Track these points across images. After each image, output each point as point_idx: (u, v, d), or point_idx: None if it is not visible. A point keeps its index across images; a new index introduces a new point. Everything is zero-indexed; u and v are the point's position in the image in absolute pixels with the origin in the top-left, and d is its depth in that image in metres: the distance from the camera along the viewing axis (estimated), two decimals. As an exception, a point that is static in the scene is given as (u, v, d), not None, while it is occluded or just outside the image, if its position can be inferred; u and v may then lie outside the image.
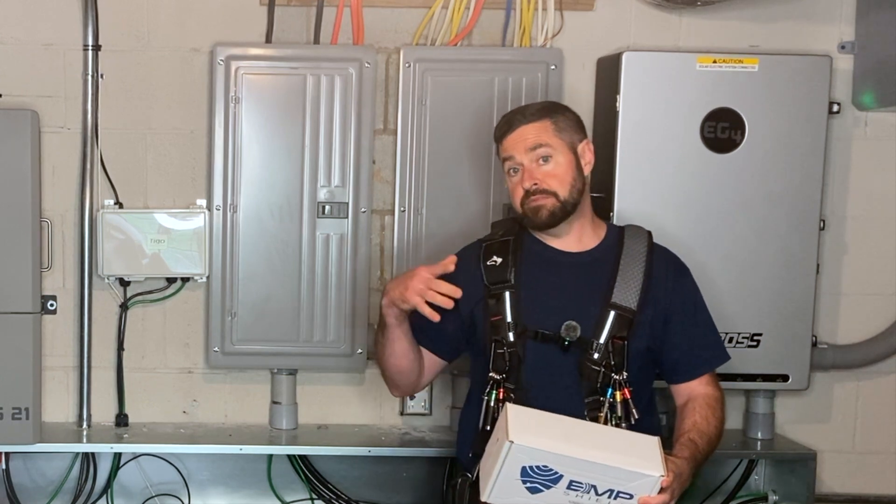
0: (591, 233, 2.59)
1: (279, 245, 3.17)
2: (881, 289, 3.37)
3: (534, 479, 2.24)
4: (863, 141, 3.32)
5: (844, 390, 3.42)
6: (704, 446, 2.47)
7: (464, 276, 2.55)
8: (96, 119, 3.21)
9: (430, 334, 2.61)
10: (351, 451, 3.22)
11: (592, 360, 2.46)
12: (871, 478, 3.45)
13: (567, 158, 2.51)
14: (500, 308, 2.50)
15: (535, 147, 2.50)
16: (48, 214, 3.21)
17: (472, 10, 3.19)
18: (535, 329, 2.48)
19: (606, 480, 2.22)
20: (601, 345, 2.46)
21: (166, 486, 3.36)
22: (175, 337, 3.32)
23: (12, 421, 3.08)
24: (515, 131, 2.53)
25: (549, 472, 2.22)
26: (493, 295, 2.52)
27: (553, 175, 2.49)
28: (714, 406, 2.54)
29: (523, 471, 2.23)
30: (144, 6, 3.21)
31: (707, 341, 2.61)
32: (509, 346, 2.48)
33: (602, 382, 2.45)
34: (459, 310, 2.55)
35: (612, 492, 2.22)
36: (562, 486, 2.23)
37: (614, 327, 2.47)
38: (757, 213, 3.10)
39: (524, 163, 2.50)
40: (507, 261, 2.54)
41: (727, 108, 3.07)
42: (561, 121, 2.54)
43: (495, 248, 2.57)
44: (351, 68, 3.12)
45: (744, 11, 3.24)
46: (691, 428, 2.49)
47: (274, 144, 3.14)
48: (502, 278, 2.52)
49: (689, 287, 2.61)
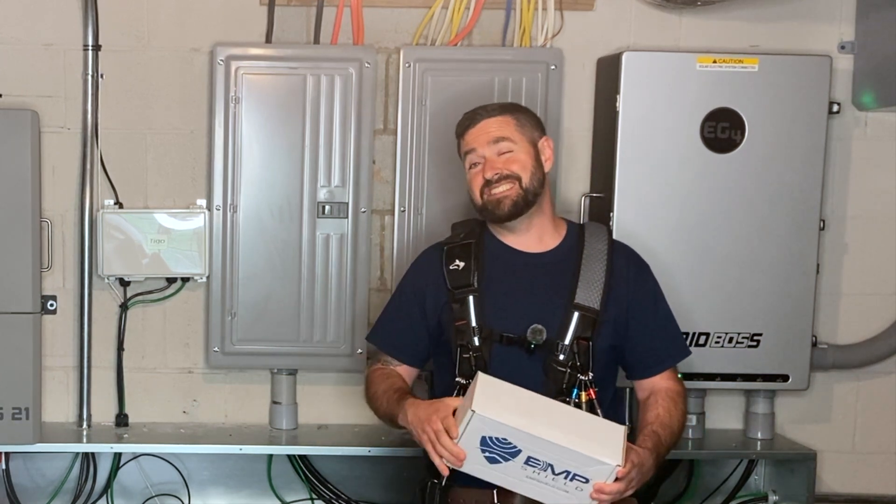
0: (552, 231, 2.60)
1: (279, 245, 3.17)
2: (881, 289, 3.37)
3: (493, 449, 2.27)
4: (863, 141, 3.32)
5: (844, 390, 3.42)
6: (667, 438, 2.48)
7: (428, 281, 2.58)
8: (96, 119, 3.21)
9: (406, 349, 2.64)
10: (351, 451, 3.22)
11: (558, 361, 2.47)
12: (871, 478, 3.45)
13: (528, 153, 2.54)
14: (464, 312, 2.51)
15: (497, 140, 2.53)
16: (48, 214, 3.21)
17: (472, 10, 3.19)
18: (499, 333, 2.49)
19: (563, 462, 2.24)
20: (566, 346, 2.47)
21: (166, 486, 3.36)
22: (175, 337, 3.32)
23: (12, 421, 3.08)
24: (478, 125, 2.56)
25: (508, 445, 2.25)
26: (457, 300, 2.52)
27: (515, 160, 2.51)
28: (676, 400, 2.56)
29: (483, 440, 2.26)
30: (144, 6, 3.21)
31: (668, 337, 2.62)
32: (475, 351, 2.48)
33: (568, 383, 2.46)
34: (427, 317, 2.57)
35: (567, 473, 2.25)
36: (519, 461, 2.26)
37: (578, 328, 2.48)
38: (757, 213, 3.10)
39: (486, 155, 2.53)
40: (469, 264, 2.55)
41: (727, 108, 3.07)
42: (522, 117, 2.58)
43: (456, 251, 2.58)
44: (351, 68, 3.12)
45: (744, 11, 3.24)
46: (654, 420, 2.50)
47: (274, 144, 3.14)
48: (465, 282, 2.53)
49: (650, 283, 2.63)
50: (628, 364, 2.62)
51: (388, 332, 2.67)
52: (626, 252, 2.64)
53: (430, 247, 2.69)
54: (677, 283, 3.08)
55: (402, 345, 2.64)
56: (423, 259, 2.67)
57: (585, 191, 3.25)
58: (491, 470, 2.29)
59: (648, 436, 2.45)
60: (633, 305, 2.55)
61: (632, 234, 3.06)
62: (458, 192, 3.17)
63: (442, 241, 2.66)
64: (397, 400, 2.52)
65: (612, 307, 2.52)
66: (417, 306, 2.60)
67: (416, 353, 2.65)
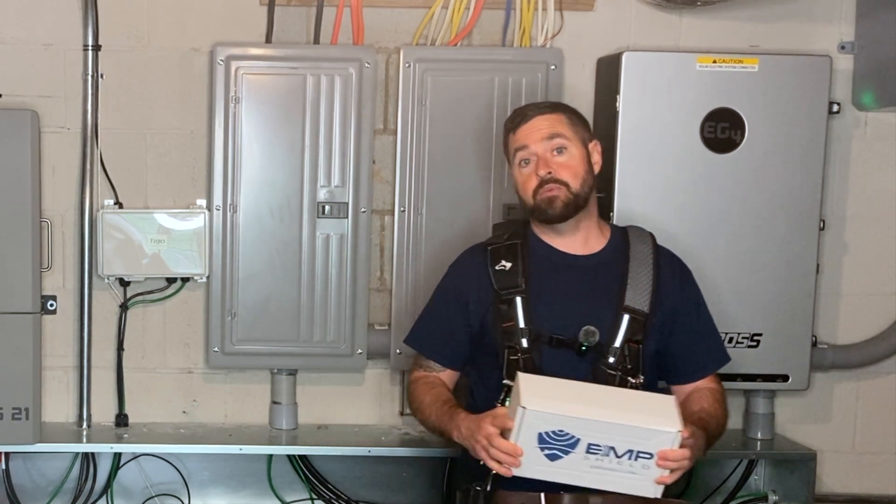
0: (597, 235, 2.57)
1: (279, 245, 3.17)
2: (881, 289, 3.37)
3: (552, 444, 2.22)
4: (863, 141, 3.32)
5: (844, 390, 3.42)
6: (713, 428, 2.45)
7: (470, 282, 2.54)
8: (96, 119, 3.21)
9: (448, 353, 2.60)
10: (351, 451, 3.22)
11: (608, 364, 2.44)
12: (871, 478, 3.45)
13: (580, 152, 2.51)
14: (511, 313, 2.47)
15: (551, 136, 2.49)
16: (48, 214, 3.20)
17: (472, 10, 3.19)
18: (549, 334, 2.45)
19: (624, 441, 2.20)
20: (616, 349, 2.44)
21: (166, 486, 3.36)
22: (175, 337, 3.32)
23: (12, 421, 3.07)
24: (531, 121, 2.52)
25: (566, 436, 2.21)
26: (504, 300, 2.48)
27: (567, 166, 2.48)
28: (720, 399, 2.55)
29: (540, 438, 2.21)
30: (144, 6, 3.21)
31: (710, 342, 2.61)
32: (523, 353, 2.44)
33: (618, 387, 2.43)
34: (469, 319, 2.54)
35: (631, 452, 2.21)
36: (580, 451, 2.22)
37: (629, 331, 2.45)
38: (757, 213, 3.10)
39: (538, 152, 2.49)
40: (516, 265, 2.51)
41: (727, 108, 3.07)
42: (573, 117, 2.56)
43: (502, 251, 2.54)
44: (351, 68, 3.12)
45: (744, 11, 3.24)
46: (700, 410, 2.47)
47: (274, 144, 3.14)
48: (513, 283, 2.49)
49: (693, 289, 2.62)
50: (670, 368, 2.58)
51: (430, 336, 2.63)
52: (670, 256, 2.62)
53: (472, 247, 2.65)
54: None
55: (444, 348, 2.60)
56: (465, 259, 2.62)
57: (585, 191, 3.24)
58: (553, 468, 2.25)
59: (696, 420, 2.41)
60: (677, 310, 2.53)
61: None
62: (458, 192, 3.17)
63: (484, 241, 2.63)
64: (448, 414, 2.47)
65: (659, 311, 2.50)
66: (459, 308, 2.56)
67: (458, 357, 2.61)
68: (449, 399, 2.54)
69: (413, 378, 2.67)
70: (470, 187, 3.17)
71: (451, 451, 3.22)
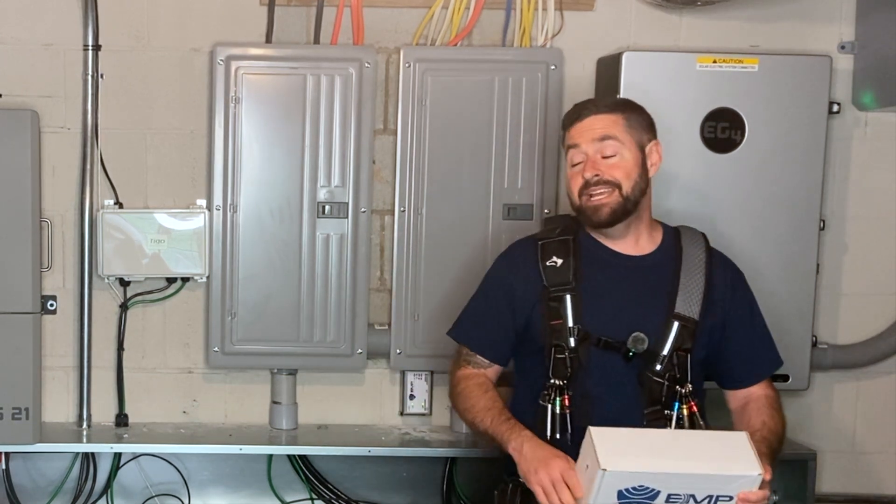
0: (648, 236, 2.51)
1: (279, 245, 3.17)
2: (881, 289, 3.37)
3: (631, 499, 2.18)
4: (863, 141, 3.32)
5: (844, 390, 3.42)
6: (776, 445, 2.42)
7: (518, 276, 2.49)
8: (96, 119, 3.21)
9: (495, 348, 2.55)
10: (351, 451, 3.22)
11: (654, 371, 2.40)
12: (871, 478, 3.45)
13: (633, 155, 2.44)
14: (560, 311, 2.42)
15: (603, 138, 2.42)
16: (48, 214, 3.21)
17: (472, 10, 3.19)
18: (598, 336, 2.41)
19: (704, 488, 2.17)
20: (664, 357, 2.40)
21: (166, 486, 3.36)
22: (175, 337, 3.32)
23: (12, 421, 3.08)
24: (585, 120, 2.46)
25: (646, 490, 2.17)
26: (554, 297, 2.43)
27: (618, 167, 2.41)
28: (777, 407, 2.50)
29: (619, 494, 2.17)
30: (144, 6, 3.21)
31: (764, 346, 2.57)
32: (570, 352, 2.40)
33: (666, 395, 2.39)
34: (515, 313, 2.49)
35: (710, 497, 2.18)
36: (660, 502, 2.19)
37: (678, 339, 2.41)
38: (757, 213, 3.10)
39: (588, 153, 2.43)
40: (567, 262, 2.45)
41: (727, 108, 3.07)
42: (633, 118, 2.48)
43: (553, 246, 2.49)
44: (351, 68, 3.12)
45: (744, 11, 3.24)
46: (761, 427, 2.43)
47: (274, 144, 3.14)
48: (563, 280, 2.44)
49: (747, 292, 2.56)
50: (723, 373, 2.53)
51: (477, 330, 2.57)
52: (724, 260, 2.57)
53: (522, 239, 2.59)
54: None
55: (492, 343, 2.54)
56: (515, 252, 2.56)
57: (585, 191, 3.24)
58: None
59: (761, 441, 2.36)
60: (730, 315, 2.48)
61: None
62: (458, 192, 3.17)
63: (534, 234, 2.58)
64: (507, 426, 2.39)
65: (709, 317, 2.45)
66: (506, 301, 2.51)
67: (505, 353, 2.56)
68: (504, 409, 2.46)
69: (461, 375, 2.57)
70: (470, 187, 3.16)
71: (451, 452, 3.23)
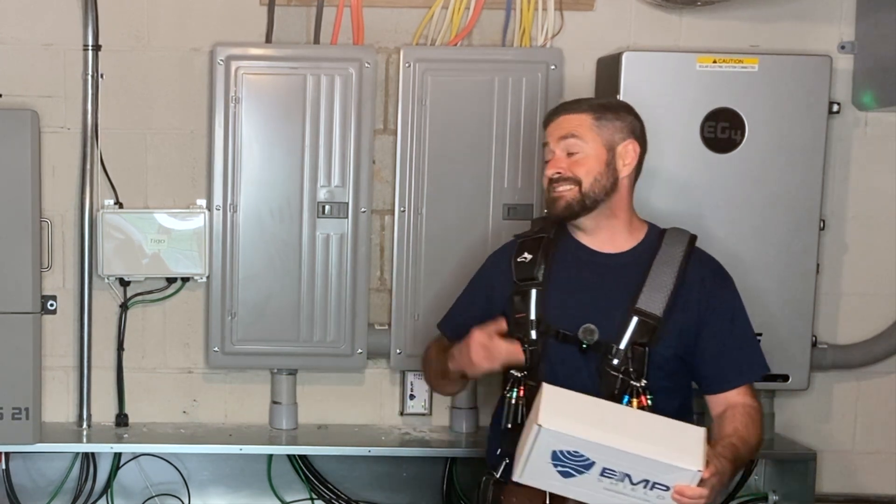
0: (627, 234, 2.52)
1: (279, 245, 3.17)
2: (881, 289, 3.37)
3: (565, 463, 2.19)
4: (863, 141, 3.32)
5: (844, 390, 3.42)
6: (745, 451, 2.39)
7: (497, 272, 2.58)
8: (96, 119, 3.21)
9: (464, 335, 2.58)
10: (351, 451, 3.22)
11: (611, 365, 2.42)
12: (871, 478, 3.45)
13: (598, 154, 2.45)
14: (525, 305, 2.48)
15: (566, 136, 2.46)
16: (48, 214, 3.21)
17: (472, 10, 3.19)
18: (556, 328, 2.45)
19: (641, 471, 2.15)
20: (621, 350, 2.42)
21: (166, 486, 3.36)
22: (175, 337, 3.32)
23: (12, 421, 3.08)
24: (557, 119, 2.51)
25: (581, 457, 2.17)
26: (520, 292, 2.50)
27: (580, 164, 2.45)
28: (754, 416, 2.46)
29: (554, 455, 2.18)
30: (144, 6, 3.21)
31: (744, 353, 2.52)
32: (531, 344, 2.45)
33: (620, 389, 2.41)
34: (493, 308, 2.55)
35: (647, 482, 2.16)
36: (594, 473, 2.18)
37: (636, 333, 2.42)
38: (757, 213, 3.10)
39: (556, 151, 2.48)
40: (536, 258, 2.51)
41: (727, 108, 3.07)
42: (607, 118, 2.48)
43: (528, 244, 2.56)
44: (351, 68, 3.12)
45: (744, 11, 3.24)
46: (733, 433, 2.41)
47: (274, 144, 3.14)
48: (529, 275, 2.50)
49: (728, 296, 2.52)
50: (700, 377, 2.53)
51: (457, 322, 2.64)
52: (706, 261, 2.55)
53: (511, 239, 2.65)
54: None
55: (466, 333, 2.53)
56: (499, 250, 2.65)
57: (585, 191, 3.24)
58: (565, 484, 2.22)
59: (727, 447, 2.33)
60: (706, 316, 2.46)
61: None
62: (458, 192, 3.17)
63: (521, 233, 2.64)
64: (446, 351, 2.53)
65: (679, 315, 2.44)
66: (485, 297, 2.59)
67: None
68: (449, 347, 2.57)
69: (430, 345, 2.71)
70: (470, 187, 3.17)
71: (451, 452, 3.24)
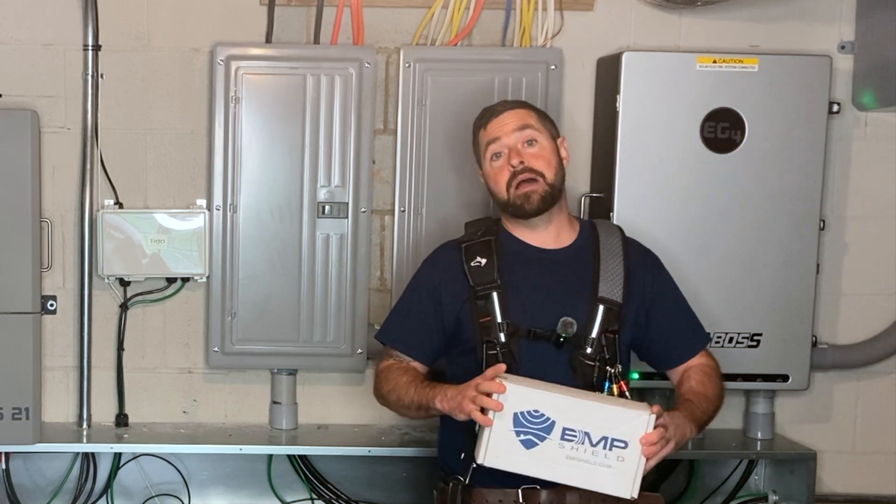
0: (568, 229, 2.61)
1: (279, 245, 3.17)
2: (881, 289, 3.37)
3: (527, 427, 2.26)
4: (863, 141, 3.32)
5: (844, 390, 3.42)
6: (702, 403, 2.50)
7: (444, 279, 2.57)
8: (96, 119, 3.21)
9: (421, 347, 2.61)
10: (351, 451, 3.22)
11: (585, 354, 2.47)
12: (871, 478, 3.45)
13: (550, 144, 2.56)
14: (488, 309, 2.50)
15: (522, 127, 2.53)
16: (48, 214, 3.21)
17: (472, 10, 3.19)
18: (527, 328, 2.48)
19: (598, 426, 2.25)
20: (593, 339, 2.47)
21: (166, 486, 3.36)
22: (175, 337, 3.32)
23: (12, 421, 3.08)
24: (501, 116, 2.56)
25: (541, 417, 2.26)
26: (481, 296, 2.51)
27: (539, 156, 2.52)
28: (709, 373, 2.59)
29: (515, 419, 2.26)
30: (144, 6, 3.21)
31: (691, 323, 2.67)
32: (502, 347, 2.47)
33: (598, 377, 2.46)
34: (443, 315, 2.56)
35: (605, 440, 2.25)
36: (556, 438, 2.26)
37: (605, 321, 2.48)
38: (757, 213, 3.10)
39: (510, 143, 2.53)
40: (491, 261, 2.54)
41: (727, 108, 3.07)
42: (541, 113, 2.62)
43: (476, 248, 2.57)
44: (351, 68, 3.12)
45: (744, 11, 3.24)
46: (687, 391, 2.55)
47: (274, 144, 3.14)
48: (489, 279, 2.52)
49: (666, 276, 2.66)
50: (657, 355, 2.64)
51: (402, 331, 2.64)
52: (641, 249, 2.67)
53: (445, 244, 2.67)
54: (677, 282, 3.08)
55: (417, 343, 2.61)
56: (440, 256, 2.65)
57: (585, 191, 3.25)
58: (529, 458, 2.27)
59: (681, 404, 2.50)
60: (651, 300, 2.58)
61: (632, 234, 3.06)
62: (458, 192, 3.17)
63: (457, 238, 2.65)
64: (430, 387, 2.48)
65: (633, 301, 2.54)
66: (432, 304, 2.59)
67: (430, 352, 2.63)
68: (426, 380, 2.55)
69: (385, 365, 2.64)
70: (470, 187, 3.16)
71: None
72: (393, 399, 2.58)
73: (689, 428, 2.40)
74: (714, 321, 3.10)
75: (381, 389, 2.61)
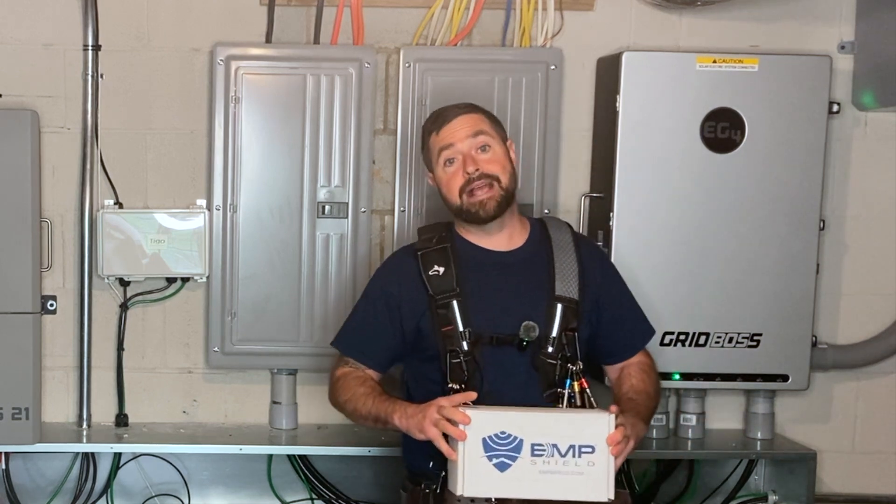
0: (520, 230, 2.61)
1: (279, 245, 3.17)
2: (881, 289, 3.37)
3: (497, 450, 2.28)
4: (863, 141, 3.32)
5: (844, 390, 3.42)
6: (644, 400, 2.55)
7: (402, 287, 2.56)
8: (96, 119, 3.21)
9: (375, 355, 2.61)
10: (351, 451, 3.22)
11: (547, 354, 2.49)
12: (871, 478, 3.45)
13: (503, 149, 2.55)
14: (450, 318, 2.49)
15: (476, 133, 2.52)
16: (48, 214, 3.21)
17: (472, 10, 3.19)
18: (489, 334, 2.48)
19: (564, 435, 2.28)
20: (554, 338, 2.48)
21: (166, 486, 3.36)
22: (175, 337, 3.32)
23: (12, 421, 3.08)
24: (453, 121, 2.54)
25: (508, 438, 2.28)
26: (441, 305, 2.50)
27: (494, 161, 2.51)
28: (647, 371, 2.64)
29: (485, 444, 2.28)
30: (144, 6, 3.21)
31: (637, 320, 2.69)
32: (465, 355, 2.47)
33: (560, 375, 2.48)
34: (402, 324, 2.55)
35: (573, 448, 2.29)
36: (526, 455, 2.28)
37: (563, 319, 2.50)
38: (757, 213, 3.10)
39: (464, 150, 2.51)
40: (449, 269, 2.53)
41: (727, 108, 3.07)
42: (492, 117, 2.60)
43: (433, 256, 2.56)
44: (351, 68, 3.12)
45: (744, 11, 3.24)
46: (628, 390, 2.58)
47: (274, 144, 3.14)
48: (448, 287, 2.51)
49: (614, 271, 2.70)
50: (602, 350, 2.66)
51: (357, 339, 2.63)
52: (589, 243, 2.71)
53: (400, 251, 2.68)
54: (677, 282, 3.09)
55: (373, 353, 2.61)
56: (396, 264, 2.63)
57: (585, 191, 3.25)
58: (506, 481, 2.29)
59: (625, 402, 2.53)
60: (601, 295, 2.59)
61: (632, 235, 3.07)
62: (458, 192, 3.17)
63: (412, 245, 2.64)
64: (389, 401, 2.48)
65: (588, 296, 2.56)
66: (388, 312, 2.57)
67: (386, 361, 2.63)
68: (384, 392, 2.55)
69: (340, 373, 2.63)
70: (470, 187, 3.17)
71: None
72: (350, 409, 2.58)
73: (640, 426, 2.44)
74: (714, 321, 3.11)
75: (339, 398, 2.61)
